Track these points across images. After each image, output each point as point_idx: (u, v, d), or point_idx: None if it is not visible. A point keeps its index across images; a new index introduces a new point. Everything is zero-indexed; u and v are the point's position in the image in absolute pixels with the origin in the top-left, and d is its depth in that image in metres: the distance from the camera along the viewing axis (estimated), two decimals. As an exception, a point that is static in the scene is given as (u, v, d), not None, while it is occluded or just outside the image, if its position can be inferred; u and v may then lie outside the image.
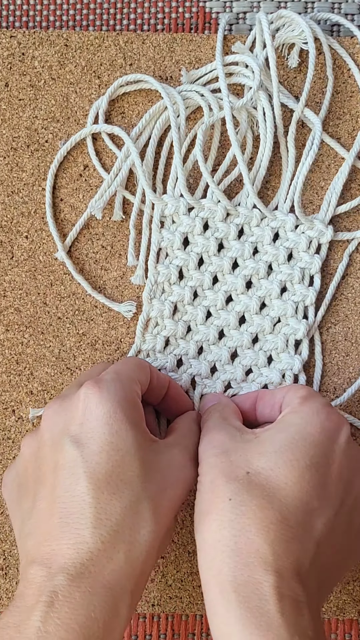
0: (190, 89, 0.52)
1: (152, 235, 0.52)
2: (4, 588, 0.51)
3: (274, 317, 0.52)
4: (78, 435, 0.42)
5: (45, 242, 0.53)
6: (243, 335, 0.51)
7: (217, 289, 0.52)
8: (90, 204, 0.52)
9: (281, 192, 0.52)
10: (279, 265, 0.52)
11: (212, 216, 0.52)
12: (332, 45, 0.53)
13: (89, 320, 0.53)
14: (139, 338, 0.52)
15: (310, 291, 0.51)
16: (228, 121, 0.50)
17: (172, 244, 0.52)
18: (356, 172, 0.53)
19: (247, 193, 0.52)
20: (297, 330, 0.51)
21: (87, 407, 0.42)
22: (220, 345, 0.52)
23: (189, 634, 0.52)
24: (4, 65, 0.53)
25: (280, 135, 0.52)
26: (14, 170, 0.53)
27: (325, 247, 0.52)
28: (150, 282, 0.51)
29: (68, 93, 0.53)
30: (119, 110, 0.53)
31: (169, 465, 0.43)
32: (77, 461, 0.41)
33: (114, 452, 0.41)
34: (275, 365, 0.51)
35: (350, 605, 0.52)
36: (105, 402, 0.42)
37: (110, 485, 0.40)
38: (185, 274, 0.52)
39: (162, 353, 0.52)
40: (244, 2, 0.54)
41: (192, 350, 0.52)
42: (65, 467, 0.41)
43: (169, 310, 0.51)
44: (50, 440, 0.43)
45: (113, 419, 0.41)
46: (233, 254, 0.52)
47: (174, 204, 0.51)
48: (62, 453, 0.42)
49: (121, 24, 0.54)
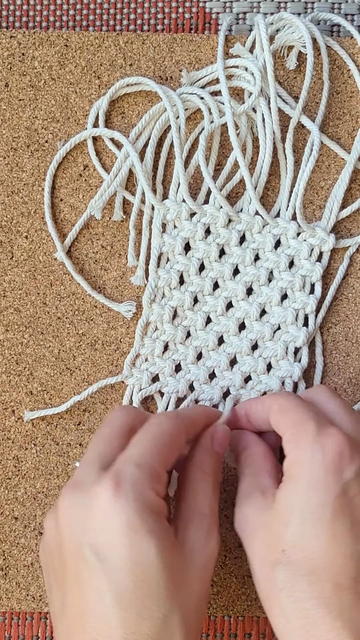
0: (190, 91, 0.52)
1: (153, 239, 0.52)
2: (4, 588, 0.51)
3: (274, 324, 0.51)
4: (97, 545, 0.39)
5: (45, 242, 0.53)
6: (242, 341, 0.51)
7: (218, 294, 0.52)
8: (90, 205, 0.52)
9: (282, 198, 0.52)
10: (280, 272, 0.52)
11: (214, 222, 0.52)
12: (332, 47, 0.53)
13: (88, 321, 0.53)
14: (137, 342, 0.52)
15: (311, 299, 0.51)
16: (230, 127, 0.50)
17: (173, 248, 0.52)
18: (356, 172, 0.53)
19: (249, 199, 0.52)
20: (297, 338, 0.51)
21: (106, 515, 0.39)
22: (220, 352, 0.52)
23: (189, 635, 0.52)
24: (4, 65, 0.53)
25: (278, 141, 0.52)
26: (14, 170, 0.53)
27: (327, 255, 0.52)
28: (150, 286, 0.51)
29: (68, 93, 0.53)
30: (119, 110, 0.53)
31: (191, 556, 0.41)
32: (100, 577, 0.39)
33: (135, 567, 0.38)
34: (275, 372, 0.51)
35: (351, 606, 0.51)
36: (123, 511, 0.39)
37: (136, 603, 0.38)
38: (186, 279, 0.52)
39: (161, 358, 0.52)
40: (244, 3, 0.54)
41: (191, 355, 0.52)
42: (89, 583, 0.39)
43: (169, 315, 0.51)
44: (69, 538, 0.40)
45: (133, 531, 0.39)
46: (234, 260, 0.52)
47: (175, 209, 0.51)
48: (84, 562, 0.39)
49: (121, 24, 0.54)
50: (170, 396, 0.52)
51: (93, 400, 0.52)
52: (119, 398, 0.52)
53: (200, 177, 0.53)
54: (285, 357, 0.51)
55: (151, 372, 0.52)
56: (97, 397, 0.52)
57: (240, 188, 0.53)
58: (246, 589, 0.51)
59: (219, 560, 0.51)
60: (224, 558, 0.51)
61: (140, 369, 0.52)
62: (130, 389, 0.52)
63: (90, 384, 0.52)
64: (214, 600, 0.51)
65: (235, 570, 0.51)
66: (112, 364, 0.52)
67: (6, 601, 0.51)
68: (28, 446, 0.52)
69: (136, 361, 0.52)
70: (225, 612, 0.51)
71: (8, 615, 0.52)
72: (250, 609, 0.51)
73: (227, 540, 0.51)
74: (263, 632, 0.52)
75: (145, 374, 0.51)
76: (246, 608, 0.51)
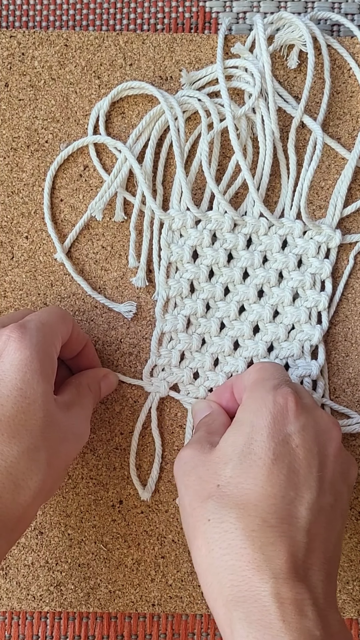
0: (189, 94, 0.52)
1: (162, 251, 0.52)
2: (4, 588, 0.52)
3: (287, 324, 0.51)
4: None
5: (46, 242, 0.53)
6: (258, 344, 0.51)
7: (229, 299, 0.52)
8: (91, 206, 0.52)
9: (286, 198, 0.52)
10: (290, 272, 0.52)
11: (219, 227, 0.52)
12: (332, 45, 0.53)
13: (89, 321, 0.53)
14: (154, 354, 0.52)
15: (323, 296, 0.51)
16: (231, 131, 0.50)
17: (181, 257, 0.51)
18: (357, 172, 0.53)
19: (252, 202, 0.52)
20: (312, 336, 0.51)
21: (6, 350, 0.43)
22: (236, 356, 0.52)
23: (189, 634, 0.52)
24: (3, 65, 0.53)
25: (277, 141, 0.52)
26: (14, 170, 0.53)
27: (334, 252, 0.52)
28: (161, 297, 0.51)
29: (68, 93, 0.53)
30: (119, 110, 0.53)
31: (69, 422, 0.44)
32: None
33: (21, 398, 0.42)
34: (293, 372, 0.51)
35: (350, 605, 0.52)
36: (24, 349, 0.42)
37: (11, 428, 0.41)
38: (197, 286, 0.52)
39: (178, 367, 0.52)
40: (244, 2, 0.54)
41: (207, 362, 0.52)
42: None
43: (183, 324, 0.51)
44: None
45: (27, 367, 0.42)
46: (243, 264, 0.52)
47: (180, 217, 0.51)
48: None
49: (121, 24, 0.54)
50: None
51: (93, 400, 0.52)
52: (119, 398, 0.52)
53: (199, 182, 0.53)
54: (302, 355, 0.51)
55: (169, 382, 0.52)
56: (98, 397, 0.52)
57: (240, 190, 0.53)
58: (246, 588, 0.52)
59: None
60: (223, 557, 0.52)
61: (159, 379, 0.52)
62: (152, 397, 0.52)
63: (91, 384, 0.52)
64: (214, 600, 0.52)
65: (235, 569, 0.52)
66: (112, 363, 0.52)
67: (6, 600, 0.51)
68: (28, 446, 0.52)
69: (153, 371, 0.52)
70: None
71: (8, 614, 0.52)
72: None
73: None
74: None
75: (163, 384, 0.52)
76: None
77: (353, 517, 0.52)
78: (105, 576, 0.52)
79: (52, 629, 0.52)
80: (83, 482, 0.52)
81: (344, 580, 0.52)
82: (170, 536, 0.52)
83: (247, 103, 0.51)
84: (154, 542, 0.52)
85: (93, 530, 0.52)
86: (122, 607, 0.52)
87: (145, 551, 0.52)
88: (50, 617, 0.52)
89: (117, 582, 0.52)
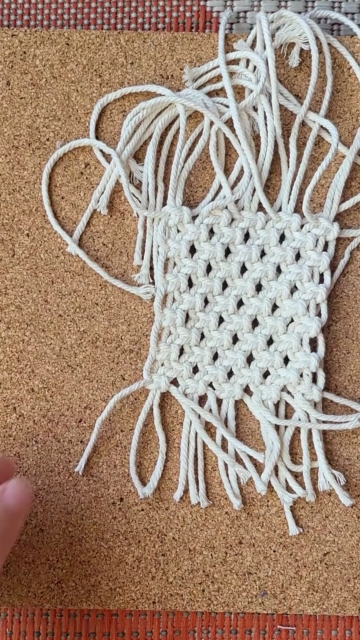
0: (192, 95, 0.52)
1: (160, 247, 0.52)
2: (5, 585, 0.52)
3: (286, 317, 0.52)
4: None
5: (47, 239, 0.53)
6: (257, 337, 0.51)
7: (228, 294, 0.52)
8: (94, 196, 0.52)
9: (284, 193, 0.53)
10: (287, 265, 0.52)
11: (216, 222, 0.52)
12: (332, 44, 0.53)
13: (90, 318, 0.53)
14: (153, 348, 0.52)
15: (321, 288, 0.51)
16: (237, 127, 0.51)
17: (179, 253, 0.52)
18: (356, 170, 0.53)
19: (250, 197, 0.52)
20: (310, 328, 0.51)
21: None
22: (235, 350, 0.52)
23: (189, 631, 0.52)
24: (5, 63, 0.53)
25: (279, 137, 0.52)
26: (15, 168, 0.53)
27: (332, 244, 0.52)
28: (160, 292, 0.51)
29: (69, 92, 0.53)
30: (120, 108, 0.53)
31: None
32: None
33: None
34: (292, 365, 0.51)
35: (351, 602, 0.52)
36: None
37: None
38: (195, 281, 0.52)
39: (177, 362, 0.52)
40: (245, 1, 0.55)
41: (207, 357, 0.52)
42: None
43: (181, 318, 0.52)
44: None
45: None
46: (240, 258, 0.52)
47: (177, 213, 0.52)
48: None
49: (122, 23, 0.55)
50: (192, 397, 0.52)
51: (94, 398, 0.52)
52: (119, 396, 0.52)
53: (200, 180, 0.53)
54: (301, 348, 0.51)
55: (169, 377, 0.52)
56: (98, 395, 0.52)
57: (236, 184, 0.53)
58: (247, 585, 0.52)
59: (220, 557, 0.51)
60: (224, 555, 0.52)
61: (159, 374, 0.52)
62: (153, 394, 0.52)
63: (91, 381, 0.52)
64: (215, 597, 0.52)
65: (235, 567, 0.52)
66: (113, 361, 0.52)
67: (7, 598, 0.51)
68: (29, 443, 0.52)
69: (153, 366, 0.52)
70: (226, 609, 0.52)
71: (9, 611, 0.52)
72: (251, 605, 0.51)
73: (228, 537, 0.52)
74: (264, 628, 0.52)
75: (163, 379, 0.52)
76: (247, 604, 0.51)
77: (354, 515, 0.52)
78: (106, 573, 0.52)
79: (53, 626, 0.52)
80: (84, 479, 0.52)
81: (345, 577, 0.52)
82: (170, 534, 0.52)
83: (251, 94, 0.51)
84: (154, 540, 0.52)
85: (94, 527, 0.52)
86: (123, 605, 0.52)
87: (146, 549, 0.52)
88: (51, 614, 0.52)
89: (117, 580, 0.52)
